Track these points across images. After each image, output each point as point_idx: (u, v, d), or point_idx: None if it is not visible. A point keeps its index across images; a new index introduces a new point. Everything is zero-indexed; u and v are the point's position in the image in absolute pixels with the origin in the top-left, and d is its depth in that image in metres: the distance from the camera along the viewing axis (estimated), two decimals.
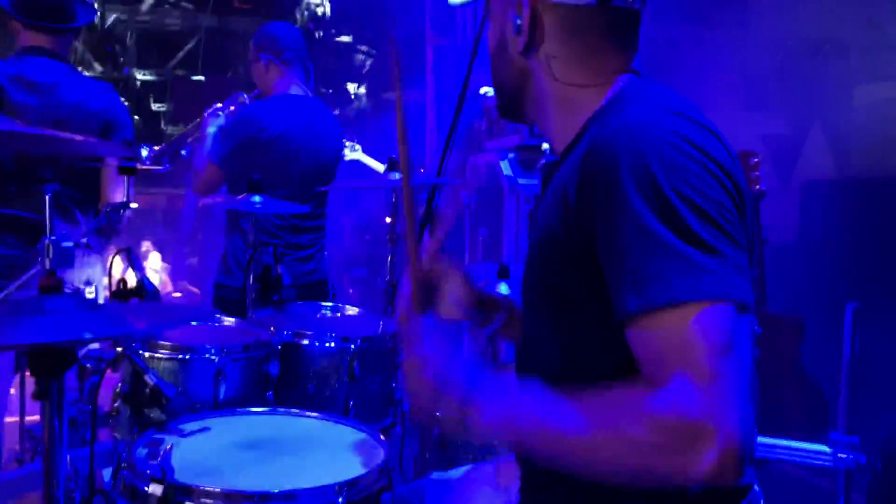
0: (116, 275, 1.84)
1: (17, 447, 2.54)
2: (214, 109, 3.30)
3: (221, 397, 1.96)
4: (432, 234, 2.61)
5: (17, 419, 2.60)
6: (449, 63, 6.05)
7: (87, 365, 1.83)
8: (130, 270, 1.83)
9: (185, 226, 8.07)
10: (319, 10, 9.06)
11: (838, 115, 4.11)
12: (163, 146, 3.73)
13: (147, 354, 1.92)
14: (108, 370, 1.76)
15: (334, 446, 1.64)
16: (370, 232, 7.45)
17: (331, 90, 9.30)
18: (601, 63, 1.21)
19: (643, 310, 0.97)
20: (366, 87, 9.49)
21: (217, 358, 1.97)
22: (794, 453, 2.33)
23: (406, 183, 1.35)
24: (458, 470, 1.73)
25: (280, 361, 2.15)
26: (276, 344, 2.15)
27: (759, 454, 2.30)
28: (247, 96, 3.32)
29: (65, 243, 1.18)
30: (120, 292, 1.80)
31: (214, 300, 3.17)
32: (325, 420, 1.78)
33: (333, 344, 2.18)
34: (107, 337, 1.41)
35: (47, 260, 1.19)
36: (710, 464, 0.90)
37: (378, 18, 7.92)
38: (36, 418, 2.46)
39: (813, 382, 3.27)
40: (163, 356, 1.96)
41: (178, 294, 7.98)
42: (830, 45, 4.04)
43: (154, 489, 1.36)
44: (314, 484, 1.40)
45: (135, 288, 1.83)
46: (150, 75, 10.19)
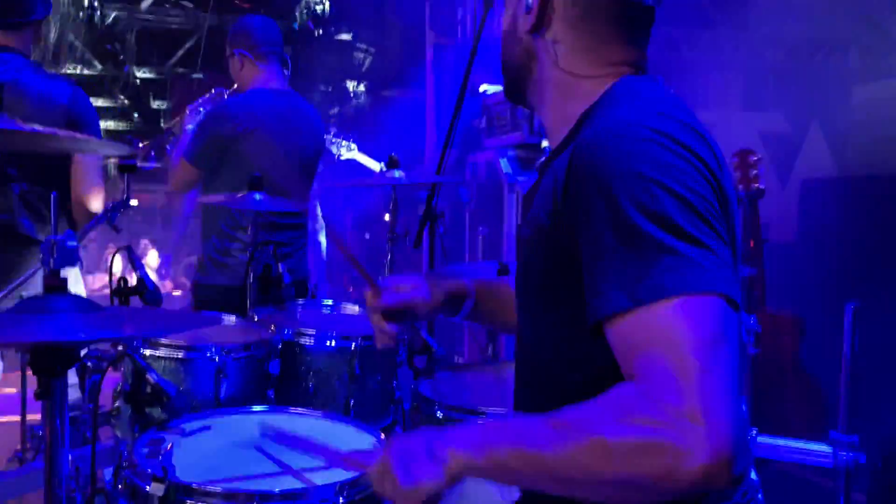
0: (116, 273, 1.84)
1: (19, 446, 2.54)
2: (195, 105, 3.26)
3: (222, 396, 1.96)
4: (431, 238, 2.60)
5: (19, 418, 2.60)
6: (449, 62, 6.05)
7: (88, 364, 1.83)
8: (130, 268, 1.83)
9: (182, 224, 8.06)
10: (319, 9, 9.06)
11: (837, 114, 4.11)
12: (148, 142, 3.70)
13: (148, 353, 1.92)
14: (109, 369, 1.76)
15: (335, 445, 1.63)
16: (369, 230, 7.46)
17: (330, 88, 9.31)
18: (605, 54, 1.20)
19: (629, 306, 0.95)
20: (365, 85, 9.49)
21: (218, 357, 1.97)
22: (795, 452, 2.33)
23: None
24: None
25: (281, 360, 2.14)
26: (277, 343, 2.15)
27: (760, 454, 2.30)
28: (227, 92, 3.27)
29: (69, 243, 1.18)
30: (121, 291, 1.80)
31: (194, 301, 3.11)
32: (326, 419, 1.78)
33: (334, 343, 2.17)
34: (111, 339, 1.41)
35: (51, 259, 1.19)
36: (700, 461, 0.85)
37: (377, 17, 7.93)
38: (37, 417, 2.47)
39: (813, 381, 3.27)
40: (164, 355, 1.96)
41: (179, 292, 7.98)
42: (829, 45, 4.04)
43: (155, 488, 1.36)
44: (315, 483, 1.40)
45: (135, 286, 1.83)
46: (150, 73, 10.19)
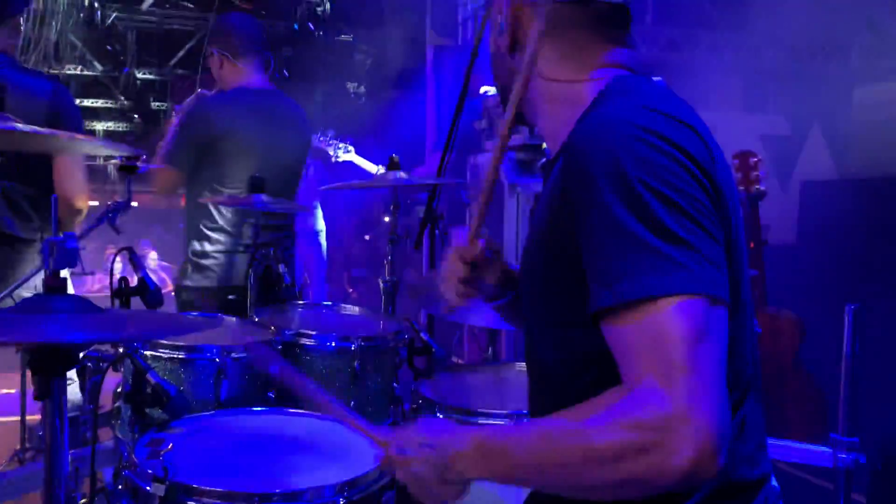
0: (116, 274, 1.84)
1: (18, 446, 2.55)
2: (182, 107, 3.20)
3: (223, 397, 1.96)
4: (431, 240, 2.59)
5: (18, 418, 2.60)
6: (449, 63, 6.06)
7: (89, 364, 1.83)
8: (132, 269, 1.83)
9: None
10: (319, 10, 9.06)
11: (838, 116, 4.12)
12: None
13: (148, 354, 1.92)
14: (110, 370, 1.76)
15: (335, 445, 1.64)
16: (370, 231, 7.46)
17: (330, 89, 9.31)
18: (586, 59, 1.20)
19: (614, 305, 0.96)
20: (365, 87, 9.49)
21: (218, 358, 1.97)
22: (795, 453, 2.34)
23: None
24: None
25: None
26: (278, 343, 2.15)
27: None
28: (210, 93, 3.20)
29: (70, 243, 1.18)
30: (122, 291, 1.81)
31: (177, 304, 3.06)
32: (327, 420, 1.78)
33: (334, 343, 2.17)
34: (110, 340, 1.41)
35: (50, 260, 1.19)
36: (686, 458, 0.88)
37: (378, 18, 7.93)
38: (37, 417, 2.47)
39: (813, 382, 3.27)
40: (164, 355, 1.95)
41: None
42: (830, 47, 4.04)
43: (156, 489, 1.36)
44: (315, 483, 1.40)
45: (137, 287, 1.83)
46: (151, 74, 10.20)
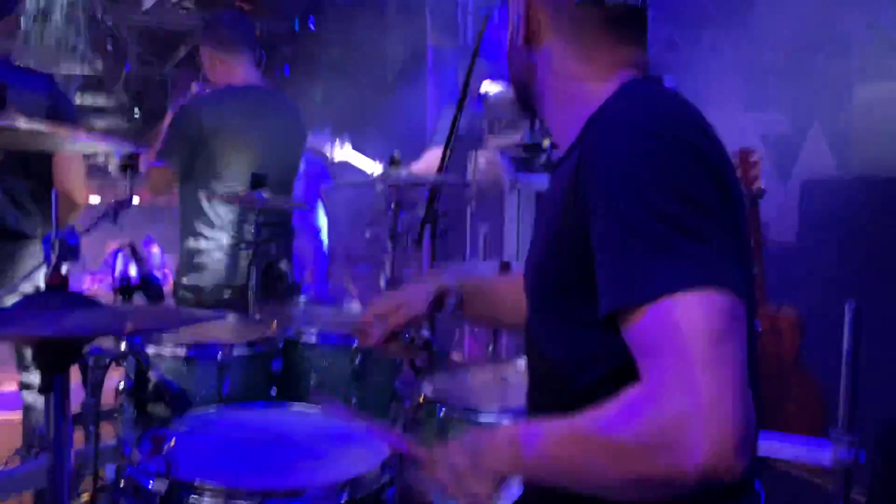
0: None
1: (20, 443, 2.55)
2: (177, 105, 3.19)
3: (225, 394, 1.96)
4: (432, 237, 2.61)
5: (20, 415, 2.60)
6: (450, 63, 6.05)
7: (90, 361, 1.83)
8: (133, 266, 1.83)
9: None
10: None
11: (838, 115, 4.12)
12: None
13: (151, 351, 1.93)
14: (112, 366, 1.76)
15: (338, 443, 1.64)
16: (370, 230, 7.45)
17: (330, 88, 9.29)
18: (599, 58, 1.21)
19: (632, 303, 0.96)
20: (365, 86, 9.47)
21: (221, 355, 1.97)
22: (795, 451, 2.34)
23: None
24: None
25: (283, 358, 2.15)
26: (280, 341, 2.15)
27: (759, 453, 2.31)
28: (205, 90, 3.21)
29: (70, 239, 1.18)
30: (124, 288, 1.80)
31: (175, 302, 3.05)
32: (329, 417, 1.78)
33: (336, 341, 2.18)
34: (115, 334, 1.42)
35: (54, 255, 1.19)
36: (705, 457, 0.87)
37: (378, 18, 7.92)
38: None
39: (813, 381, 3.27)
40: (167, 353, 1.96)
41: None
42: (831, 45, 4.04)
43: (158, 485, 1.37)
44: (318, 481, 1.41)
45: (140, 283, 1.83)
46: (151, 73, 10.18)
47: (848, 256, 3.68)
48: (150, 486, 1.38)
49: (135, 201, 2.27)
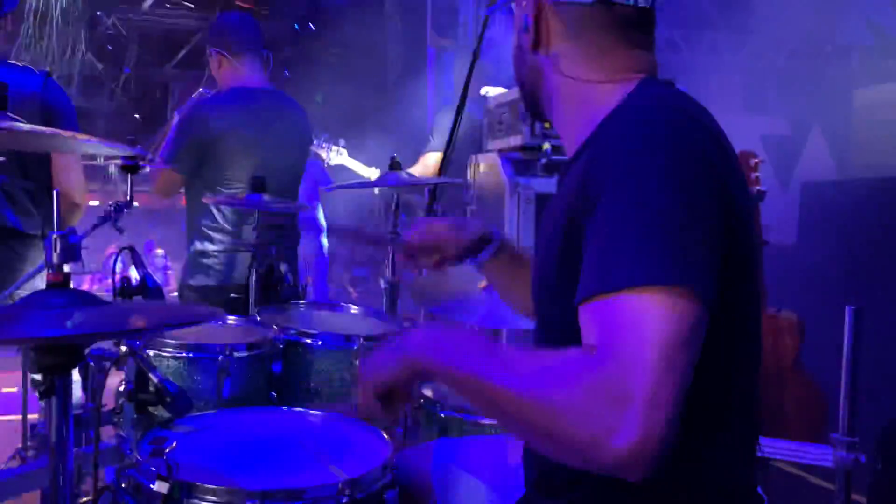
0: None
1: (20, 444, 2.54)
2: (182, 108, 3.21)
3: (225, 395, 1.96)
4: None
5: (20, 416, 2.60)
6: (449, 63, 6.06)
7: (91, 363, 1.83)
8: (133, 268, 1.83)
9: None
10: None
11: (838, 117, 4.12)
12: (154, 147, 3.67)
13: (151, 353, 1.93)
14: (112, 368, 1.76)
15: (338, 444, 1.64)
16: (371, 230, 7.45)
17: (330, 89, 9.30)
18: (608, 61, 1.22)
19: (597, 291, 0.96)
20: (365, 87, 9.48)
21: (221, 356, 1.97)
22: (795, 453, 2.34)
23: None
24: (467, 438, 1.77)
25: (283, 360, 2.15)
26: (280, 343, 2.15)
27: (760, 454, 2.31)
28: (210, 92, 3.22)
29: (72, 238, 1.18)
30: (124, 291, 1.81)
31: (182, 301, 3.08)
32: (329, 418, 1.78)
33: (337, 343, 2.18)
34: (114, 335, 1.41)
35: (54, 255, 1.19)
36: (626, 443, 0.87)
37: (378, 18, 7.92)
38: (36, 416, 2.47)
39: (813, 382, 3.28)
40: (167, 354, 1.96)
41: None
42: (831, 48, 4.05)
43: (159, 486, 1.37)
44: (318, 482, 1.41)
45: (138, 286, 1.83)
46: (151, 74, 10.19)
47: (848, 259, 3.69)
48: (152, 487, 1.37)
49: (135, 204, 2.28)
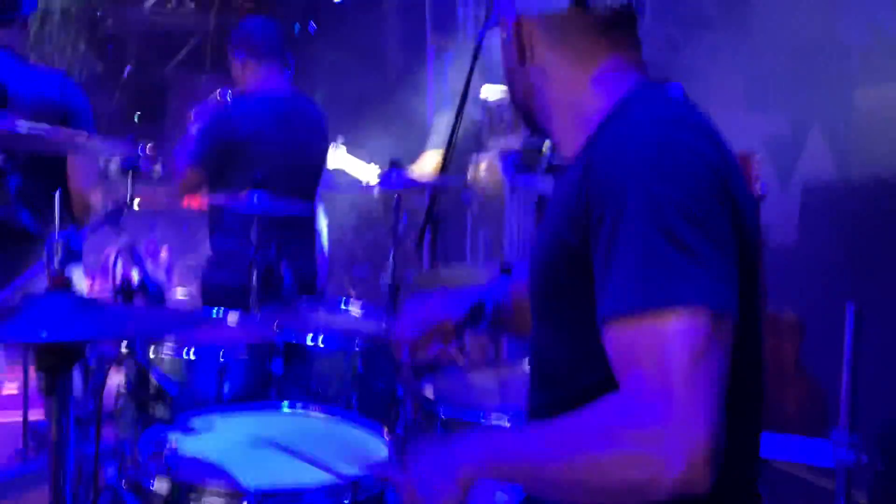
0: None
1: (21, 444, 2.54)
2: (200, 108, 3.27)
3: (225, 395, 1.97)
4: (433, 240, 2.61)
5: (20, 416, 2.60)
6: (449, 63, 6.05)
7: (91, 363, 1.83)
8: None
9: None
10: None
11: (839, 117, 4.11)
12: (153, 147, 3.68)
13: (151, 352, 1.93)
14: (112, 368, 1.76)
15: (340, 444, 1.64)
16: (371, 232, 7.46)
17: (330, 89, 9.29)
18: (594, 65, 1.21)
19: (619, 313, 0.98)
20: (365, 87, 9.47)
21: (221, 356, 1.97)
22: (795, 452, 2.34)
23: None
24: None
25: (283, 360, 2.15)
26: (280, 342, 2.16)
27: (760, 454, 2.31)
28: (230, 94, 3.28)
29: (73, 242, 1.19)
30: (124, 291, 1.81)
31: (203, 301, 3.15)
32: (330, 418, 1.78)
33: (337, 343, 2.18)
34: (115, 338, 1.42)
35: (55, 257, 1.19)
36: (679, 471, 0.89)
37: (378, 18, 7.92)
38: (39, 415, 2.47)
39: (813, 382, 3.27)
40: (167, 354, 1.96)
41: (181, 291, 7.96)
42: (831, 47, 4.04)
43: (160, 486, 1.37)
44: (319, 482, 1.41)
45: (138, 287, 1.84)
46: (152, 74, 10.18)
47: (848, 259, 3.68)
48: (152, 487, 1.37)
49: (134, 206, 2.28)
